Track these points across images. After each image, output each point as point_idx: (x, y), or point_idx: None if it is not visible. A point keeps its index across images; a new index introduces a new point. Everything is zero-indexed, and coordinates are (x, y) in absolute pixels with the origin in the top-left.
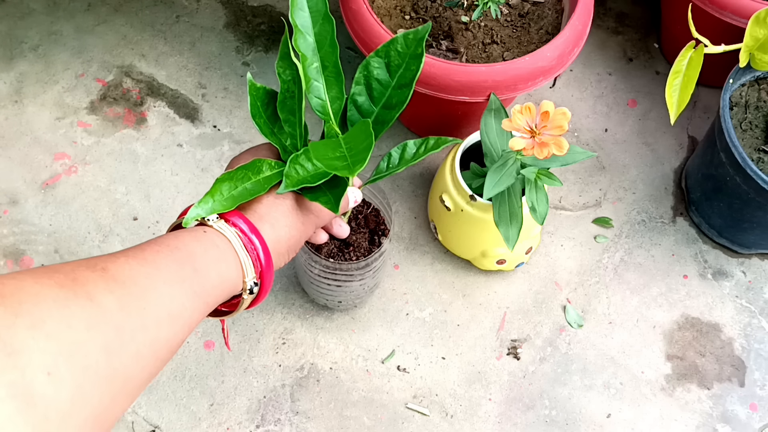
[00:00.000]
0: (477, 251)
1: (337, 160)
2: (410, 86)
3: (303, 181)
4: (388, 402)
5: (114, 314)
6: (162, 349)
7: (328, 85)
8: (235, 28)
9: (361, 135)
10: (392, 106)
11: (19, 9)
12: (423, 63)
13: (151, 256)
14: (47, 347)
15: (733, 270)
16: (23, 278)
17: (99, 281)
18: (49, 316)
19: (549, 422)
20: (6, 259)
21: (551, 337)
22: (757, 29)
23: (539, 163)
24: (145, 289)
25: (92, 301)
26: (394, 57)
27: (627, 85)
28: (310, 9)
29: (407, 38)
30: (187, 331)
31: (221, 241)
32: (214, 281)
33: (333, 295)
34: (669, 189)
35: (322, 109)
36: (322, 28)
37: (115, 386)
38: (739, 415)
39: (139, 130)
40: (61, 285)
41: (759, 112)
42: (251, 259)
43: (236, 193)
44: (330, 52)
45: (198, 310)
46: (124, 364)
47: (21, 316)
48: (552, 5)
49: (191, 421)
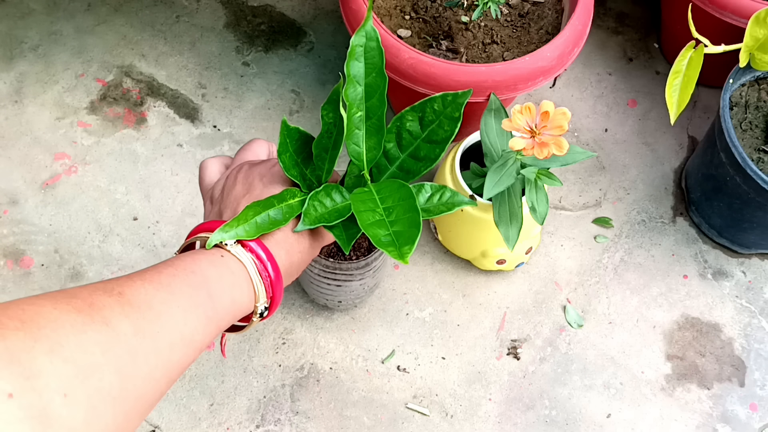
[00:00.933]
0: (477, 251)
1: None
2: (441, 145)
3: (321, 219)
4: (388, 402)
5: (129, 338)
6: (174, 370)
7: (368, 135)
8: (235, 28)
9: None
10: (419, 158)
11: (19, 9)
12: (458, 127)
13: (167, 280)
14: (64, 370)
15: (733, 270)
16: (43, 303)
17: (115, 306)
18: (67, 341)
19: (549, 422)
20: (6, 259)
21: (551, 337)
22: (757, 29)
23: (539, 163)
24: (159, 314)
25: (108, 325)
26: (429, 113)
27: (627, 85)
28: (366, 61)
29: (445, 99)
30: (198, 353)
31: (237, 266)
32: (226, 306)
33: (333, 294)
34: (669, 189)
35: (358, 156)
36: (373, 80)
37: (127, 406)
38: (739, 415)
39: (139, 130)
40: (79, 310)
41: (759, 112)
42: (264, 286)
43: (260, 220)
44: (377, 106)
45: (209, 334)
46: (137, 386)
47: (40, 340)
48: (552, 5)
49: (191, 421)
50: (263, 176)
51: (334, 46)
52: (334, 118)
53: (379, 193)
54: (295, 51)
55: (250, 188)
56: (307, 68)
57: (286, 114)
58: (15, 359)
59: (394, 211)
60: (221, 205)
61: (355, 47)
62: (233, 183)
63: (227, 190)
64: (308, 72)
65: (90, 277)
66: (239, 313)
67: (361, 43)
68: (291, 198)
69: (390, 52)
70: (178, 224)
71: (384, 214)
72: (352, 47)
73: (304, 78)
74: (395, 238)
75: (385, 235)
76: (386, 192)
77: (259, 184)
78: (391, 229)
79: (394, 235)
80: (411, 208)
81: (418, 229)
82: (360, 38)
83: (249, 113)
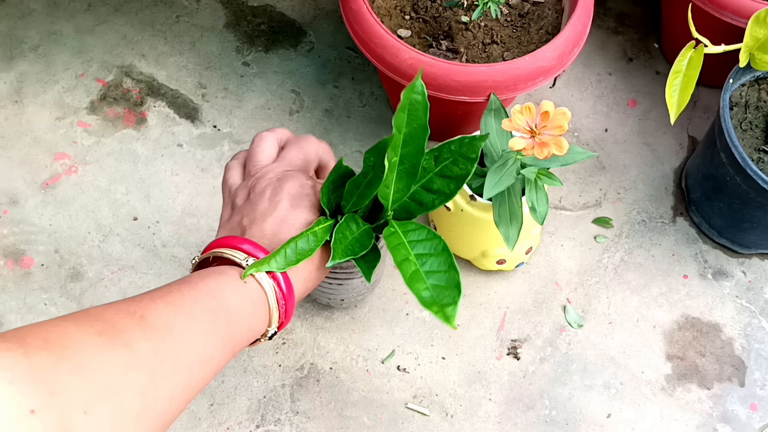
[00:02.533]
0: (477, 251)
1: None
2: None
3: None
4: (388, 402)
5: (149, 360)
6: (191, 391)
7: (398, 178)
8: (235, 28)
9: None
10: (432, 191)
11: (19, 9)
12: (474, 167)
13: (189, 304)
14: (86, 389)
15: (733, 270)
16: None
17: (136, 329)
18: (89, 361)
19: (549, 422)
20: (6, 259)
21: (551, 337)
22: (757, 29)
23: (539, 163)
24: (179, 338)
25: (128, 347)
26: (445, 152)
27: (627, 85)
28: (409, 113)
29: (462, 141)
30: (213, 375)
31: (257, 294)
32: (242, 333)
33: (335, 293)
34: (669, 189)
35: (385, 196)
36: (413, 131)
37: (148, 425)
38: (739, 415)
39: (139, 130)
40: (101, 333)
41: (759, 112)
42: (279, 312)
43: (289, 252)
44: (413, 154)
45: (225, 359)
46: (158, 406)
47: (63, 360)
48: (552, 5)
49: (191, 421)
50: (293, 197)
51: (334, 46)
52: (374, 162)
53: (406, 235)
54: (295, 51)
55: (276, 207)
56: (307, 68)
57: (285, 114)
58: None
59: (427, 260)
60: (244, 219)
61: (405, 101)
62: (259, 197)
63: (252, 203)
64: (308, 72)
65: (90, 276)
66: (252, 337)
67: (407, 96)
68: (317, 225)
69: (390, 52)
70: (178, 224)
71: (417, 263)
72: (403, 102)
73: (304, 78)
74: (435, 294)
75: (425, 290)
76: (415, 236)
77: (287, 204)
78: (428, 283)
79: (433, 289)
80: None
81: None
82: (408, 92)
83: (249, 113)
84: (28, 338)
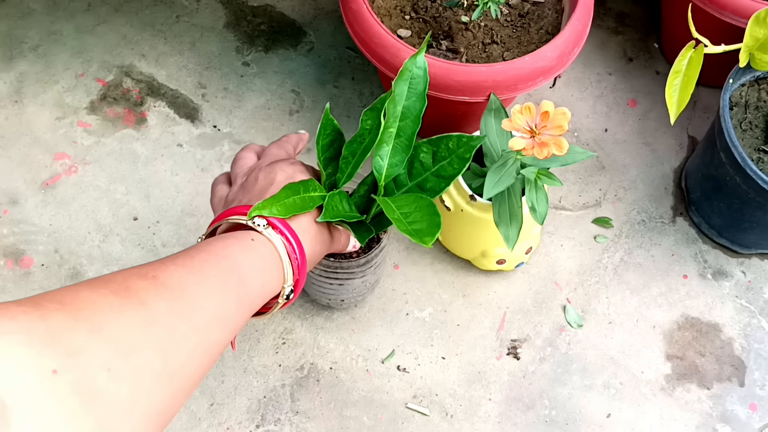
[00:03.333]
0: (477, 251)
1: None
2: (447, 181)
3: (339, 216)
4: (388, 402)
5: (166, 317)
6: (212, 349)
7: (393, 152)
8: (235, 28)
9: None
10: (425, 189)
11: (19, 9)
12: (465, 168)
13: (199, 265)
14: (105, 348)
15: (733, 270)
16: (80, 289)
17: (150, 288)
18: (106, 321)
19: (549, 422)
20: (6, 259)
21: (551, 337)
22: (757, 29)
23: (539, 163)
24: (194, 296)
25: (145, 306)
26: (443, 149)
27: (627, 85)
28: (410, 85)
29: (460, 139)
30: (233, 334)
31: (267, 250)
32: (257, 290)
33: (335, 294)
34: (669, 189)
35: (379, 168)
36: (412, 103)
37: (172, 383)
38: (739, 415)
39: (139, 130)
40: (116, 293)
41: (759, 112)
42: (292, 267)
43: (289, 203)
44: (409, 126)
45: (242, 316)
46: (179, 363)
47: (80, 320)
48: (552, 5)
49: (191, 421)
50: (286, 173)
51: (334, 46)
52: (371, 126)
53: (394, 202)
54: (295, 51)
55: (273, 182)
56: (307, 68)
57: (285, 114)
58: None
59: (411, 214)
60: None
61: (406, 70)
62: (253, 182)
63: (247, 188)
64: (308, 72)
65: (90, 276)
66: (268, 295)
67: (410, 68)
68: (313, 191)
69: (390, 52)
70: (178, 224)
71: (401, 216)
72: (404, 69)
73: (304, 78)
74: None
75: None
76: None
77: (282, 178)
78: (409, 227)
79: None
80: (431, 211)
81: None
82: (411, 63)
83: (249, 113)
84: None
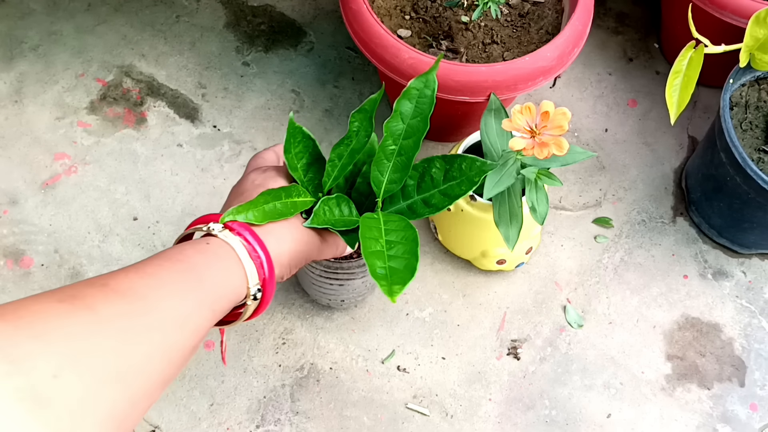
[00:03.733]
0: (477, 251)
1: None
2: (451, 200)
3: (328, 223)
4: (388, 402)
5: (116, 320)
6: (172, 352)
7: (393, 169)
8: (235, 28)
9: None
10: (429, 204)
11: (19, 9)
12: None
13: (152, 269)
14: (50, 353)
15: (733, 270)
16: (25, 301)
17: (98, 294)
18: (50, 327)
19: (549, 422)
20: (6, 259)
21: (551, 337)
22: (757, 29)
23: (539, 163)
24: (146, 299)
25: (92, 310)
26: (455, 169)
27: (627, 85)
28: (416, 105)
29: (474, 163)
30: (197, 337)
31: (224, 251)
32: (219, 290)
33: (336, 294)
34: (669, 189)
35: (378, 183)
36: (416, 123)
37: (129, 386)
38: (739, 415)
39: (139, 130)
40: (61, 300)
41: (759, 112)
42: (255, 266)
43: (268, 209)
44: (411, 147)
45: (205, 318)
46: (136, 365)
47: (21, 327)
48: (552, 5)
49: (191, 421)
50: (253, 180)
51: (334, 46)
52: (359, 127)
53: (386, 224)
54: (295, 51)
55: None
56: (307, 68)
57: (285, 114)
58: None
59: (395, 246)
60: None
61: (412, 89)
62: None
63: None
64: (308, 72)
65: (90, 276)
66: (233, 296)
67: (418, 87)
68: (296, 196)
69: (390, 52)
70: (178, 224)
71: (385, 247)
72: (409, 88)
73: (304, 78)
74: (389, 273)
75: (380, 267)
76: (392, 226)
77: (250, 186)
78: (387, 264)
79: (389, 270)
80: (412, 252)
81: (412, 273)
82: (419, 83)
83: (249, 113)
84: None
